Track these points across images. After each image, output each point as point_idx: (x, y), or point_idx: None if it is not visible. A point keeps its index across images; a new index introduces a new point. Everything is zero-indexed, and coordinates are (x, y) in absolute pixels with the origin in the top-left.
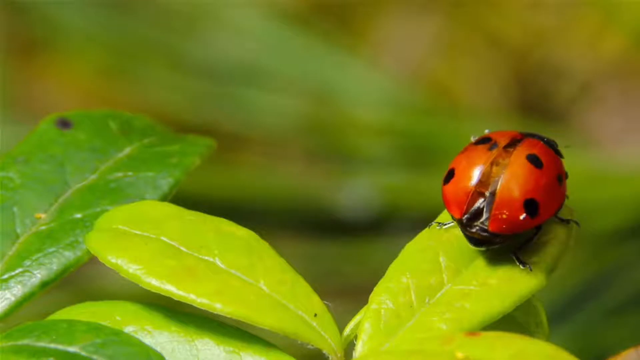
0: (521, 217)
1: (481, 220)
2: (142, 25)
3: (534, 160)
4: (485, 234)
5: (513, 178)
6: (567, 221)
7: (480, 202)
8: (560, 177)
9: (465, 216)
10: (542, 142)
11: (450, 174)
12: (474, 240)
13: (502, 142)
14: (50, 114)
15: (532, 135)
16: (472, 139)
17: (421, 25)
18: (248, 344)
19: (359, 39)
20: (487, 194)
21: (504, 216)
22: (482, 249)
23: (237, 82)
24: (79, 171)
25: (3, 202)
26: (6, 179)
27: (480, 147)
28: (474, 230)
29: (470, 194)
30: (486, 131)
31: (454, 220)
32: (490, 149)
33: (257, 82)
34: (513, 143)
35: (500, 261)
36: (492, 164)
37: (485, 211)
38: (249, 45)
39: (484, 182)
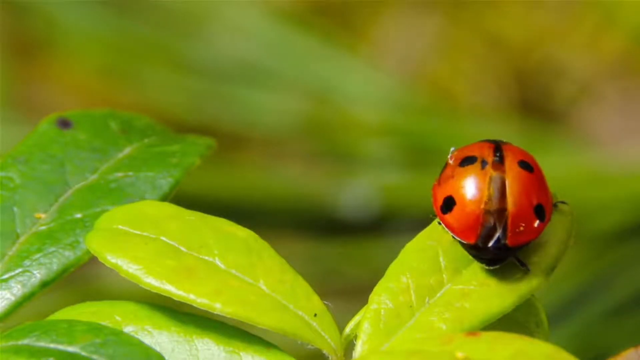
0: (535, 225)
1: (496, 238)
2: (142, 25)
3: (526, 166)
4: (500, 251)
5: (518, 189)
6: (560, 203)
7: (491, 222)
8: (543, 174)
9: (480, 239)
10: (514, 145)
11: (450, 202)
12: (490, 260)
13: (488, 156)
14: (50, 114)
15: (500, 141)
16: (451, 161)
17: (421, 25)
18: (248, 344)
19: (359, 39)
20: (494, 211)
21: (521, 228)
22: (497, 267)
23: (237, 82)
24: (79, 171)
25: (3, 202)
26: (6, 179)
27: (470, 167)
28: (490, 249)
29: (481, 217)
30: (452, 149)
31: (466, 246)
32: (483, 167)
33: (257, 82)
34: (495, 154)
35: None
36: (489, 181)
37: (499, 228)
38: (249, 45)
39: (489, 201)
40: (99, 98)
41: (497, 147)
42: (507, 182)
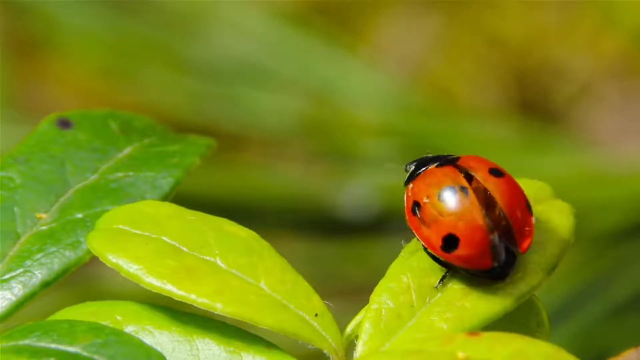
0: (534, 221)
1: (507, 251)
2: (142, 25)
3: (498, 173)
4: (513, 260)
5: (507, 198)
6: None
7: (498, 239)
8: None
9: (496, 260)
10: (469, 156)
11: (452, 240)
12: (505, 275)
13: (461, 180)
14: (50, 114)
15: (454, 159)
16: (426, 199)
17: (421, 25)
18: (249, 343)
19: (359, 39)
20: (498, 227)
21: (527, 230)
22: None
23: (237, 82)
24: (80, 171)
25: (4, 202)
26: (6, 179)
27: (454, 199)
28: (509, 264)
29: (489, 238)
30: (409, 186)
31: (478, 272)
32: (466, 194)
33: (257, 82)
34: (462, 171)
35: None
36: (479, 202)
37: (508, 240)
38: (248, 45)
39: (489, 221)
40: (99, 98)
41: (458, 167)
42: (493, 194)
